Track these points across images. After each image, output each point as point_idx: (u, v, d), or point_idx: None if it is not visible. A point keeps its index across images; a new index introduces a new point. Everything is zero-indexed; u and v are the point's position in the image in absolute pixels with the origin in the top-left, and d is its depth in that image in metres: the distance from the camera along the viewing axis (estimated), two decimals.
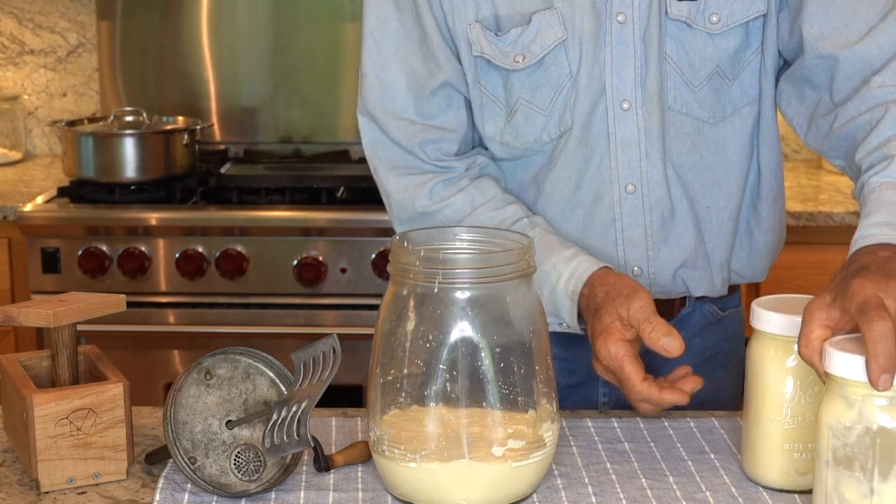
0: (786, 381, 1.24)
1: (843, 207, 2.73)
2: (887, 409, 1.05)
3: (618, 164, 1.50)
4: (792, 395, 1.24)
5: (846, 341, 1.09)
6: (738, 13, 1.47)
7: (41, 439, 1.24)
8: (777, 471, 1.26)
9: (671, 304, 1.60)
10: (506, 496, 1.22)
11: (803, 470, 1.24)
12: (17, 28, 3.27)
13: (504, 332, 1.20)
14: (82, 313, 1.30)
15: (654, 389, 1.31)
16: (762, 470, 1.27)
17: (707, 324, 1.64)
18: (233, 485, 1.23)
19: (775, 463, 1.26)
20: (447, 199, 1.53)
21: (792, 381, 1.23)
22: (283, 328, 2.69)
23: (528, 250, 1.21)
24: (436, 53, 1.52)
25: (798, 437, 1.24)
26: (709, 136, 1.52)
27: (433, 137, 1.54)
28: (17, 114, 3.25)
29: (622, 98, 1.48)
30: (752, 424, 1.27)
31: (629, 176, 1.51)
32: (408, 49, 1.52)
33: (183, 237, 2.68)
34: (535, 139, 1.52)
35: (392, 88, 1.54)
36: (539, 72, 1.49)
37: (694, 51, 1.48)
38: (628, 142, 1.49)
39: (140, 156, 2.83)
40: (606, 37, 1.47)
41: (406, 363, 1.20)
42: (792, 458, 1.25)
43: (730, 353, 1.68)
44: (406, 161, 1.55)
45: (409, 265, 1.20)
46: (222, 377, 1.22)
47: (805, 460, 1.24)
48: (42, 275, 2.68)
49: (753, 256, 1.61)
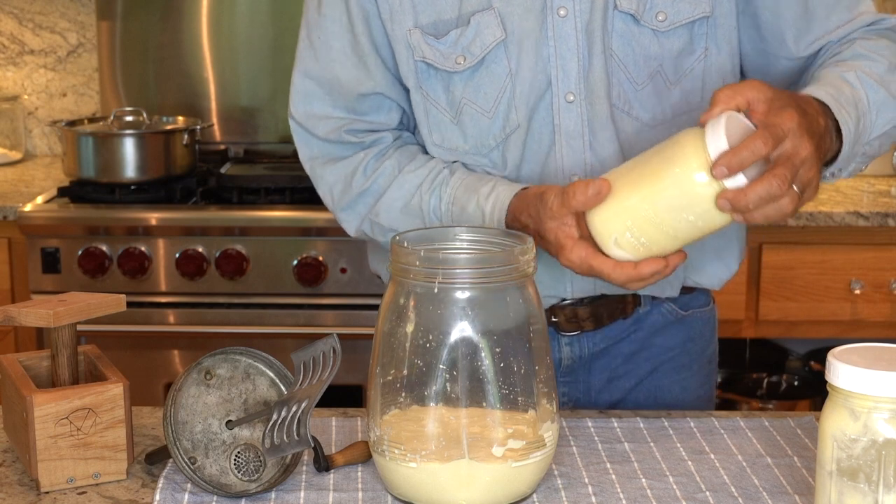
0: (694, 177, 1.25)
1: (843, 207, 2.73)
2: (893, 422, 1.04)
3: (563, 155, 1.51)
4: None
5: (850, 353, 1.08)
6: (684, 12, 1.48)
7: (41, 439, 1.24)
8: (605, 226, 1.29)
9: (624, 303, 1.59)
10: (506, 496, 1.22)
11: (622, 243, 1.28)
12: (17, 28, 3.27)
13: (504, 332, 1.20)
14: (82, 313, 1.30)
15: (628, 269, 1.31)
16: (598, 216, 1.29)
17: (667, 323, 1.63)
18: (233, 485, 1.23)
19: (611, 221, 1.28)
20: (377, 170, 1.54)
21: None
22: (283, 328, 2.69)
23: (528, 250, 1.21)
24: (367, 62, 1.53)
25: (642, 226, 1.27)
26: (646, 140, 1.51)
27: (361, 127, 1.56)
28: (17, 114, 3.25)
29: (567, 91, 1.49)
30: (642, 184, 1.28)
31: (574, 167, 1.51)
32: (336, 56, 1.53)
33: (183, 237, 2.68)
34: (481, 143, 1.53)
35: (319, 92, 1.55)
36: (480, 72, 1.49)
37: (640, 48, 1.48)
38: (572, 133, 1.50)
39: (140, 156, 2.83)
40: (549, 31, 1.47)
41: (406, 363, 1.20)
42: (624, 229, 1.27)
43: (695, 353, 1.67)
44: (340, 152, 1.57)
45: (408, 265, 1.20)
46: (222, 377, 1.22)
47: (629, 240, 1.28)
48: (42, 275, 2.68)
49: (706, 261, 1.60)
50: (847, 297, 2.77)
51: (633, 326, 1.61)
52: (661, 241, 1.28)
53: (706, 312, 1.68)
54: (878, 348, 1.10)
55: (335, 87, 1.54)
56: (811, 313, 2.78)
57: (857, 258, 2.76)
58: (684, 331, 1.65)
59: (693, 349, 1.66)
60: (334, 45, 1.53)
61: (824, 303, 2.78)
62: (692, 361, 1.66)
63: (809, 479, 1.28)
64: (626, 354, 1.61)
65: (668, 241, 1.29)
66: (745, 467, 1.32)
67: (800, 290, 2.78)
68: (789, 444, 1.38)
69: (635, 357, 1.62)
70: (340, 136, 1.55)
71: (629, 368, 1.62)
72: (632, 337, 1.61)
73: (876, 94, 1.41)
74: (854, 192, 2.90)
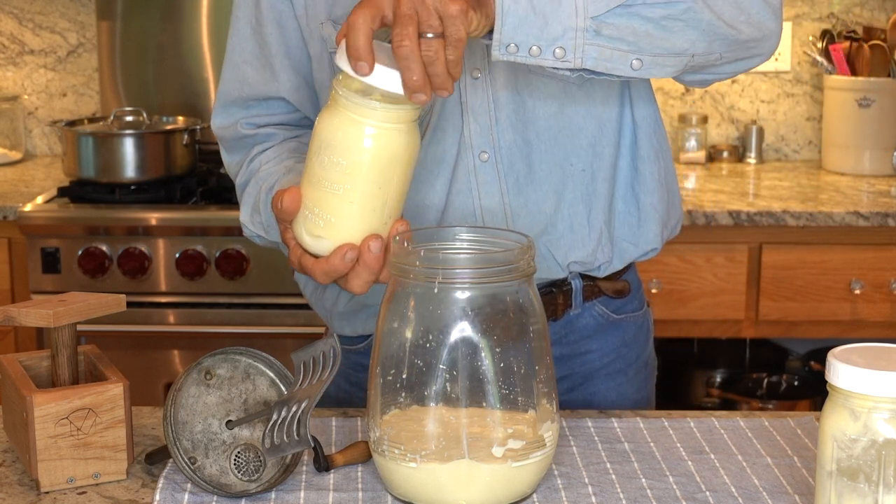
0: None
1: (843, 207, 2.73)
2: (893, 422, 1.04)
3: (471, 132, 1.49)
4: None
5: (850, 353, 1.08)
6: None
7: (41, 439, 1.24)
8: (296, 220, 1.26)
9: (555, 305, 1.56)
10: (506, 496, 1.22)
11: (311, 229, 1.25)
12: (17, 28, 3.27)
13: (504, 332, 1.20)
14: (82, 313, 1.30)
15: (322, 264, 1.26)
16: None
17: (599, 326, 1.61)
18: (233, 485, 1.23)
19: (298, 213, 1.25)
20: (251, 165, 1.54)
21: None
22: (283, 328, 2.69)
23: (528, 250, 1.21)
24: (273, 65, 1.53)
25: (315, 198, 1.24)
26: (577, 97, 1.49)
27: (258, 122, 1.56)
28: (17, 114, 3.25)
29: (472, 67, 1.47)
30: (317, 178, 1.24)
31: (482, 144, 1.49)
32: (248, 59, 1.54)
33: (183, 237, 2.68)
34: None
35: (226, 88, 1.56)
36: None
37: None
38: (478, 110, 1.48)
39: (140, 156, 2.84)
40: None
41: (406, 363, 1.20)
42: (306, 212, 1.24)
43: (630, 358, 1.65)
44: (240, 147, 1.57)
45: (408, 265, 1.20)
46: (222, 377, 1.22)
47: (315, 223, 1.24)
48: (42, 275, 2.68)
49: (644, 222, 1.56)
50: (847, 297, 2.77)
51: (564, 330, 1.58)
52: (336, 204, 1.22)
53: (639, 317, 1.66)
54: (878, 348, 1.09)
55: (244, 87, 1.55)
56: (811, 313, 2.79)
57: (857, 258, 2.76)
58: (618, 336, 1.63)
59: (628, 354, 1.64)
60: (246, 46, 1.54)
61: (824, 303, 2.78)
62: (627, 367, 1.64)
63: (809, 479, 1.28)
64: (557, 359, 1.57)
65: (341, 203, 1.22)
66: (745, 467, 1.32)
67: (800, 290, 2.78)
68: (789, 444, 1.38)
69: (569, 362, 1.60)
70: (237, 132, 1.56)
71: (562, 374, 1.58)
72: (563, 341, 1.58)
73: None
74: (854, 192, 2.90)
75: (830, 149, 3.16)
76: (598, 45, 1.26)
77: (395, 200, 1.25)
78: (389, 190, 1.23)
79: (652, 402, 1.71)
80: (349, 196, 1.22)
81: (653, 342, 1.71)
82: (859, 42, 3.11)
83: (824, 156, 3.19)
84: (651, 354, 1.70)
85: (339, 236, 1.24)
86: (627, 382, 1.64)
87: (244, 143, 1.57)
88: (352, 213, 1.23)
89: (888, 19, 3.19)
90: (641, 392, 1.67)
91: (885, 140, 3.06)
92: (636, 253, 1.57)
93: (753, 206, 2.74)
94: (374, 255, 1.24)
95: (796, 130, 3.33)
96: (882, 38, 3.10)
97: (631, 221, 1.56)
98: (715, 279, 2.77)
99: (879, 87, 3.06)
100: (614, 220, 1.55)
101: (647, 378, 1.69)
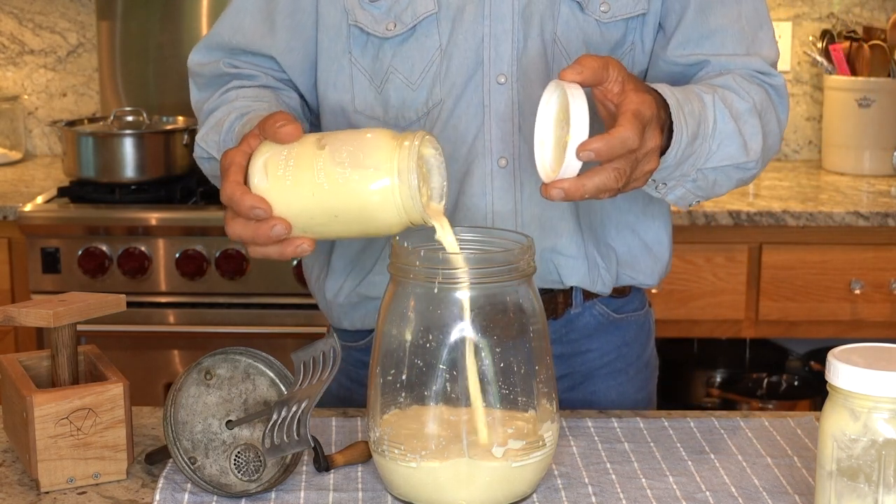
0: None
1: (843, 207, 2.73)
2: (893, 422, 1.04)
3: (491, 137, 1.49)
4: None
5: (850, 353, 1.08)
6: (626, 7, 1.47)
7: (41, 439, 1.24)
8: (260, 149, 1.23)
9: (555, 303, 1.56)
10: (506, 496, 1.22)
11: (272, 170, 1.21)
12: (17, 28, 3.27)
13: (504, 332, 1.20)
14: (82, 313, 1.30)
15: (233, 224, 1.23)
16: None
17: (599, 325, 1.61)
18: (233, 485, 1.23)
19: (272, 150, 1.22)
20: (229, 92, 1.51)
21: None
22: (283, 328, 2.69)
23: (528, 250, 1.21)
24: (274, 21, 1.51)
25: (301, 165, 1.21)
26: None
27: (241, 62, 1.54)
28: (17, 114, 3.25)
29: (498, 72, 1.47)
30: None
31: (502, 150, 1.49)
32: (244, 5, 1.52)
33: (183, 237, 2.68)
34: (402, 114, 1.50)
35: (217, 30, 1.54)
36: (410, 42, 1.47)
37: (584, 36, 1.47)
38: (502, 115, 1.48)
39: (140, 156, 2.83)
40: (485, 10, 1.46)
41: (406, 363, 1.20)
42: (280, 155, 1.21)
43: (631, 358, 1.65)
44: (217, 82, 1.54)
45: (408, 265, 1.20)
46: (222, 377, 1.22)
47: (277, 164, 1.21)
48: (42, 275, 2.68)
49: (638, 256, 1.58)
50: (847, 297, 2.77)
51: (565, 328, 1.59)
52: (307, 178, 1.19)
53: (640, 316, 1.66)
54: (878, 348, 1.09)
55: (236, 35, 1.53)
56: (811, 313, 2.79)
57: (857, 258, 2.76)
58: (619, 335, 1.63)
59: (628, 354, 1.64)
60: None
61: (824, 303, 2.78)
62: (628, 366, 1.64)
63: (809, 479, 1.28)
64: (557, 357, 1.57)
65: (310, 185, 1.20)
66: (745, 467, 1.32)
67: (800, 290, 2.78)
68: (789, 444, 1.38)
69: (569, 361, 1.60)
70: (217, 68, 1.53)
71: (562, 372, 1.58)
72: (563, 339, 1.58)
73: (725, 125, 1.37)
74: (854, 192, 2.90)
75: (830, 149, 3.16)
76: (685, 188, 1.40)
77: (330, 232, 1.23)
78: (338, 226, 1.22)
79: (653, 402, 1.71)
80: (318, 190, 1.19)
81: (654, 342, 1.71)
82: (859, 42, 3.11)
83: (824, 156, 3.19)
84: (652, 354, 1.70)
85: (280, 197, 1.20)
86: (628, 382, 1.64)
87: (221, 80, 1.54)
88: (302, 197, 1.20)
89: (888, 19, 3.19)
90: (642, 392, 1.67)
91: (885, 140, 3.06)
92: (634, 282, 1.60)
93: (753, 206, 2.74)
94: (274, 235, 1.20)
95: (796, 130, 3.33)
96: (882, 38, 3.10)
97: (635, 254, 1.57)
98: (715, 279, 2.77)
99: (879, 87, 3.06)
100: (619, 249, 1.57)
101: (648, 378, 1.69)
